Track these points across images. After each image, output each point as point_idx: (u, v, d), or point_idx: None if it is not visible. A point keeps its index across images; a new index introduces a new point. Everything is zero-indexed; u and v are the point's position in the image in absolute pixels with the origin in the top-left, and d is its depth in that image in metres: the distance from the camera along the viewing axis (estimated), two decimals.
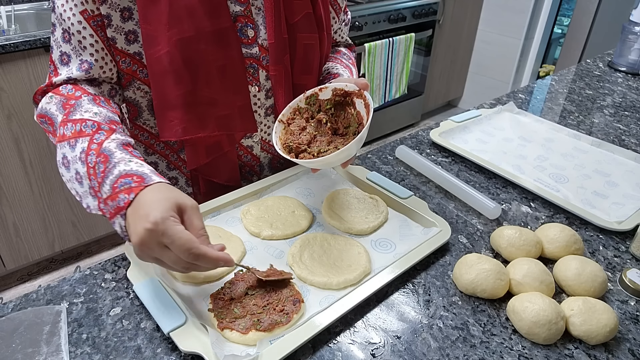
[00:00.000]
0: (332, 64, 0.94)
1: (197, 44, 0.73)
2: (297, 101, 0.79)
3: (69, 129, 0.67)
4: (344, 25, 1.03)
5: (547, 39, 3.27)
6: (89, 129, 0.66)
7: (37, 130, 1.75)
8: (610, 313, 0.62)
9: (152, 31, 0.71)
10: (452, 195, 0.92)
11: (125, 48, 0.73)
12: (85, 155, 0.64)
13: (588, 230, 0.84)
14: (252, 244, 0.76)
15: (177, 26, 0.71)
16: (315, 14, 0.84)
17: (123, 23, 0.71)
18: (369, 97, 0.74)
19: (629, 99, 1.42)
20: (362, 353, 0.60)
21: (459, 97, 3.73)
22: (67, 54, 0.73)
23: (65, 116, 0.68)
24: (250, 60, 0.81)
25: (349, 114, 0.78)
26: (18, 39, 1.59)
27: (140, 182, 0.59)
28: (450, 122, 1.17)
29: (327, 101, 0.78)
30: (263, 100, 0.86)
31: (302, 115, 0.79)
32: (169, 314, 0.60)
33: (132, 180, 0.59)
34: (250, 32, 0.79)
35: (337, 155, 0.69)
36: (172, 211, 0.55)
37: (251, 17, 0.78)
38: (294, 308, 0.62)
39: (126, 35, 0.72)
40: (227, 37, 0.76)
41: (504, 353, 0.61)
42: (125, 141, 0.66)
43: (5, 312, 0.63)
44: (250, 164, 0.92)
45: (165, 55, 0.72)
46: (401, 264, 0.70)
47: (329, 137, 0.77)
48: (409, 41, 2.80)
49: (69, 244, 2.03)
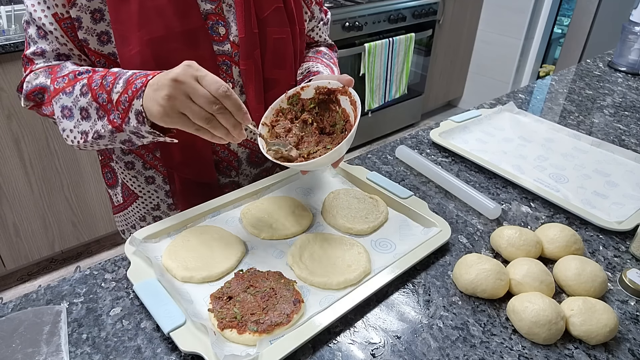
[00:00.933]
0: (312, 63, 0.94)
1: (167, 43, 0.74)
2: (279, 102, 0.77)
3: (60, 83, 0.70)
4: (322, 24, 1.03)
5: (547, 39, 3.27)
6: (83, 75, 0.70)
7: (37, 130, 1.75)
8: (610, 313, 0.62)
9: (124, 31, 0.72)
10: (452, 195, 0.92)
11: (98, 49, 0.74)
12: (87, 86, 0.68)
13: (588, 230, 0.84)
14: (252, 244, 0.76)
15: (147, 26, 0.72)
16: (286, 8, 0.84)
17: (94, 25, 0.72)
18: (354, 94, 0.74)
19: (629, 99, 1.42)
20: (362, 353, 0.60)
21: (459, 97, 3.73)
22: (42, 49, 0.75)
23: (53, 75, 0.72)
24: (223, 58, 0.81)
25: (333, 112, 0.77)
26: (18, 39, 1.60)
27: (155, 73, 0.64)
28: (450, 122, 1.17)
29: (310, 100, 0.77)
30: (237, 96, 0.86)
31: (285, 117, 0.78)
32: (169, 314, 0.60)
33: (146, 73, 0.65)
34: (222, 30, 0.80)
35: (328, 156, 0.68)
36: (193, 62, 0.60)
37: (222, 14, 0.79)
38: (294, 308, 0.62)
39: (99, 37, 0.73)
40: (197, 36, 0.76)
41: (504, 353, 0.61)
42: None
43: (5, 312, 0.64)
44: (227, 159, 0.92)
45: (136, 55, 0.73)
46: (401, 264, 0.70)
47: (317, 136, 0.76)
48: (409, 41, 2.81)
49: (69, 244, 2.03)
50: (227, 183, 0.94)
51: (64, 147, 1.84)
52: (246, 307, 0.62)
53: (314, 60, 0.95)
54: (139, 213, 0.96)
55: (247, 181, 0.96)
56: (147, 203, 0.94)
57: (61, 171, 1.88)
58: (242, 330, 0.59)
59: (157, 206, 0.94)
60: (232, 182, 0.95)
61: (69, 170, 1.89)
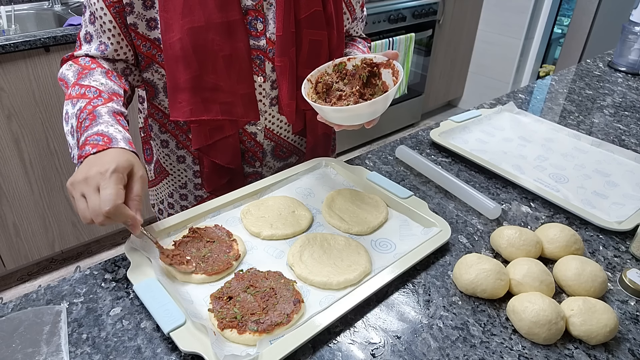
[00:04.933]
0: (349, 50, 1.00)
1: (206, 33, 0.79)
2: (325, 67, 0.80)
3: (75, 91, 0.77)
4: (361, 21, 1.06)
5: (547, 39, 3.27)
6: (91, 94, 0.76)
7: (37, 130, 1.75)
8: (610, 313, 0.62)
9: (169, 19, 0.78)
10: (452, 195, 0.92)
11: (146, 33, 0.81)
12: (79, 112, 0.74)
13: (588, 230, 0.84)
14: (252, 244, 0.76)
15: (189, 15, 0.77)
16: (326, 12, 0.87)
17: (145, 11, 0.79)
18: (397, 65, 0.76)
19: (629, 99, 1.42)
20: (362, 353, 0.60)
21: (459, 97, 3.73)
22: (90, 34, 0.83)
23: (76, 80, 0.79)
24: (257, 52, 0.85)
25: (373, 85, 0.79)
26: (18, 39, 1.59)
27: (107, 142, 0.69)
28: (450, 122, 1.17)
29: (354, 68, 0.79)
30: (268, 90, 0.90)
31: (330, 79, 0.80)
32: (169, 314, 0.60)
33: (101, 139, 0.69)
34: (260, 26, 0.84)
35: (367, 106, 0.69)
36: (124, 170, 0.65)
37: (262, 11, 0.83)
38: (294, 308, 0.62)
39: (147, 22, 0.80)
40: (235, 29, 0.81)
41: (504, 353, 0.61)
42: (117, 110, 0.76)
43: (5, 312, 0.63)
44: (253, 150, 0.96)
45: (177, 42, 0.79)
46: (401, 264, 0.70)
47: (356, 98, 0.77)
48: (409, 41, 2.80)
49: (69, 244, 2.03)
50: (250, 173, 0.99)
51: (64, 147, 1.84)
52: (246, 307, 0.62)
53: (350, 47, 1.01)
54: (168, 189, 1.03)
55: (270, 173, 1.01)
56: (176, 180, 1.01)
57: (61, 171, 1.88)
58: (242, 330, 0.59)
59: (185, 185, 1.00)
60: (255, 172, 0.99)
61: (69, 170, 1.89)
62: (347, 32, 1.05)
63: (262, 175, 1.01)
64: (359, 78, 0.79)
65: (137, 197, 0.67)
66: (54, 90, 1.73)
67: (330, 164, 0.97)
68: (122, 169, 0.65)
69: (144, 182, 0.68)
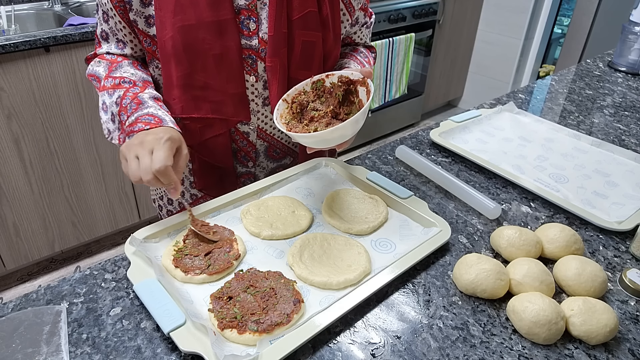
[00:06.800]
0: (346, 60, 0.98)
1: (196, 31, 0.79)
2: (304, 84, 0.80)
3: (109, 82, 0.83)
4: (365, 27, 1.04)
5: (547, 39, 3.27)
6: (126, 84, 0.82)
7: (37, 130, 1.75)
8: (610, 313, 0.62)
9: (162, 17, 0.80)
10: (452, 195, 0.92)
11: (145, 30, 0.83)
12: (120, 100, 0.80)
13: (588, 230, 0.84)
14: (252, 244, 0.76)
15: (181, 14, 0.79)
16: (321, 13, 0.86)
17: (143, 8, 0.81)
18: (370, 84, 0.76)
19: (629, 99, 1.42)
20: (362, 353, 0.60)
21: (459, 97, 3.73)
22: (106, 32, 0.87)
23: (108, 73, 0.84)
24: (249, 52, 0.85)
25: (351, 103, 0.79)
26: (18, 39, 1.59)
27: (159, 122, 0.75)
28: (450, 122, 1.17)
29: (332, 86, 0.79)
30: (260, 90, 0.89)
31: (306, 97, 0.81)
32: (169, 314, 0.60)
33: (152, 119, 0.76)
34: (252, 25, 0.84)
35: (331, 132, 0.69)
36: (175, 142, 0.72)
37: (255, 11, 0.83)
38: (294, 308, 0.62)
39: (146, 19, 0.82)
40: (226, 28, 0.81)
41: (504, 353, 0.61)
42: (156, 96, 0.83)
43: (5, 312, 0.64)
44: (246, 150, 0.96)
45: (169, 40, 0.80)
46: (401, 264, 0.70)
47: (328, 119, 0.78)
48: (409, 41, 2.80)
49: (69, 244, 2.03)
50: (243, 173, 0.99)
51: (64, 147, 1.84)
52: (246, 307, 0.62)
53: (349, 57, 0.99)
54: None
55: (263, 174, 1.00)
56: None
57: (61, 171, 1.88)
58: (242, 330, 0.59)
59: (181, 181, 1.00)
60: (248, 172, 0.99)
61: (69, 170, 1.89)
62: (351, 39, 1.03)
63: (255, 175, 1.00)
64: (335, 96, 0.79)
65: (180, 169, 0.73)
66: (54, 90, 1.73)
67: (330, 164, 0.97)
68: (175, 140, 0.72)
69: (187, 159, 0.75)
